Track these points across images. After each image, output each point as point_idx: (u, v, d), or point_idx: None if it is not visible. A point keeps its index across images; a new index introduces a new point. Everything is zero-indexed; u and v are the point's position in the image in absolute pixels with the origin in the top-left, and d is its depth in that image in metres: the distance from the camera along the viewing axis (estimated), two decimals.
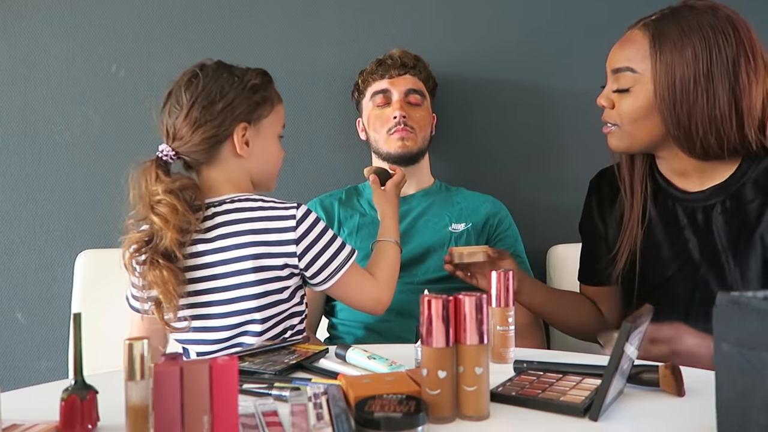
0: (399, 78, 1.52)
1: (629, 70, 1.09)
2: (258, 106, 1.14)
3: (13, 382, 1.54)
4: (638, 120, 1.09)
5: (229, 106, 1.10)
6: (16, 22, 1.65)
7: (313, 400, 0.72)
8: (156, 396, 0.61)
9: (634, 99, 1.09)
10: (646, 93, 1.07)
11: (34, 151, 1.65)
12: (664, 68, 1.05)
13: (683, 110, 1.04)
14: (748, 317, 0.55)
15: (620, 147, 1.14)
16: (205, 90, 1.11)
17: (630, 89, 1.09)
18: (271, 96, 1.17)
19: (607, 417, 0.71)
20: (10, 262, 1.64)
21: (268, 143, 1.16)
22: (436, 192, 1.57)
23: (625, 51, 1.10)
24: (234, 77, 1.14)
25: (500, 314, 0.95)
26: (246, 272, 1.06)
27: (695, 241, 1.12)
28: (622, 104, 1.10)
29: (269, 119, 1.16)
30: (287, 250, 1.07)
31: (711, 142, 1.05)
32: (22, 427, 0.68)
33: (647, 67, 1.07)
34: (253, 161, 1.14)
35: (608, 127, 1.14)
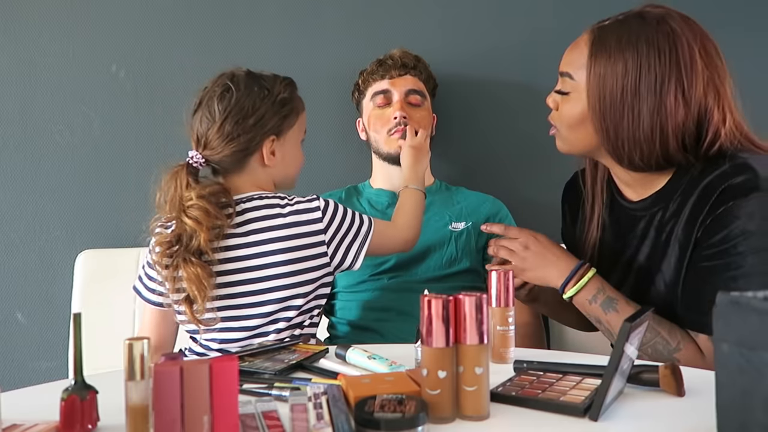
0: (399, 78, 1.52)
1: (569, 75, 1.07)
2: (286, 118, 1.19)
3: (13, 382, 1.54)
4: (573, 126, 1.08)
5: (260, 121, 1.15)
6: (16, 22, 1.65)
7: (313, 400, 0.72)
8: (156, 396, 0.61)
9: (571, 105, 1.07)
10: (580, 101, 1.05)
11: (34, 151, 1.65)
12: (596, 80, 1.02)
13: (610, 124, 1.02)
14: (748, 317, 0.55)
15: (563, 149, 1.13)
16: (238, 104, 1.14)
17: (569, 94, 1.07)
18: (296, 106, 1.22)
19: (607, 417, 0.71)
20: (10, 262, 1.64)
21: (292, 150, 1.23)
22: (436, 191, 1.57)
23: (570, 55, 1.09)
24: (264, 90, 1.17)
25: (500, 314, 0.95)
26: (281, 264, 1.12)
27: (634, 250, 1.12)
28: (562, 108, 1.09)
29: (294, 128, 1.22)
30: (318, 239, 1.15)
31: (635, 158, 1.02)
32: (22, 427, 0.68)
33: (583, 76, 1.04)
34: (277, 168, 1.21)
35: (552, 129, 1.13)
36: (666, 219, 1.06)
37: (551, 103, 1.12)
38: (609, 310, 1.05)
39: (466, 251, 1.46)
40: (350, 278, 1.45)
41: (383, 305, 1.42)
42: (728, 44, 1.08)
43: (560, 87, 1.09)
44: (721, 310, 0.57)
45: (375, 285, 1.44)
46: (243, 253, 1.12)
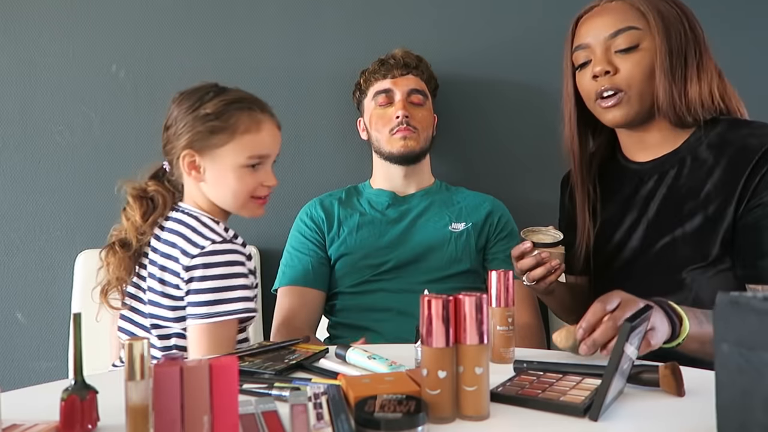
0: (401, 78, 1.52)
1: (632, 28, 1.09)
2: (206, 135, 1.15)
3: (13, 382, 1.55)
4: (646, 79, 1.09)
5: (176, 133, 1.17)
6: (16, 22, 1.65)
7: (313, 400, 0.72)
8: (156, 396, 0.61)
9: (642, 55, 1.09)
10: (651, 50, 1.08)
11: (34, 151, 1.65)
12: (662, 23, 1.08)
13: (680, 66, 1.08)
14: (747, 317, 0.55)
15: (629, 115, 1.11)
16: (172, 114, 1.19)
17: (638, 45, 1.09)
18: (230, 125, 1.15)
19: (607, 417, 0.71)
20: (10, 262, 1.64)
21: (224, 172, 1.16)
22: (436, 191, 1.57)
23: (614, 15, 1.11)
24: (194, 104, 1.16)
25: (500, 314, 0.95)
26: (158, 280, 1.15)
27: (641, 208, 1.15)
28: (629, 64, 1.09)
29: (226, 149, 1.15)
30: (181, 273, 1.12)
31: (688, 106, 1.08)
32: (22, 427, 0.68)
33: (646, 24, 1.09)
34: (208, 187, 1.18)
35: (612, 99, 1.11)
36: (685, 174, 1.10)
37: (608, 67, 1.10)
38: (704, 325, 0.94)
39: (466, 252, 1.46)
40: (350, 279, 1.46)
41: (383, 306, 1.42)
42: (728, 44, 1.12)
43: (622, 44, 1.09)
44: (721, 310, 0.57)
45: (375, 286, 1.44)
46: (152, 258, 1.16)
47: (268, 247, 1.66)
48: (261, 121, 1.17)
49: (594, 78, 1.12)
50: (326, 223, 1.51)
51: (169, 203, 1.20)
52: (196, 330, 1.08)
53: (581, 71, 1.16)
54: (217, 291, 1.08)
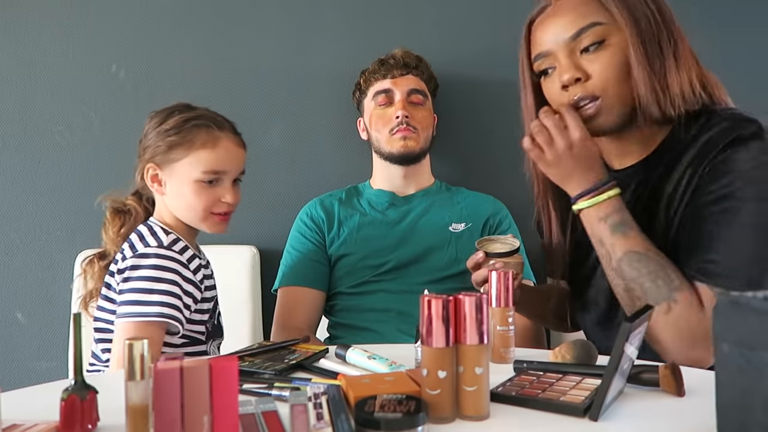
0: (401, 78, 1.52)
1: (595, 24, 0.96)
2: (169, 149, 1.18)
3: (13, 382, 1.54)
4: (621, 78, 0.96)
5: (144, 146, 1.22)
6: (16, 22, 1.65)
7: (313, 400, 0.72)
8: (156, 396, 0.61)
9: (612, 52, 0.96)
10: (620, 44, 0.96)
11: (34, 151, 1.65)
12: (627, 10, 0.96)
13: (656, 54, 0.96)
14: (748, 317, 0.55)
15: (612, 123, 0.99)
16: (144, 131, 1.24)
17: (605, 42, 0.96)
18: (187, 140, 1.18)
19: (607, 417, 0.71)
20: (10, 262, 1.64)
21: (180, 186, 1.19)
22: (436, 192, 1.57)
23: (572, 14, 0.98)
24: (160, 121, 1.21)
25: (500, 314, 0.95)
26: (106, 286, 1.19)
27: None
28: (598, 66, 0.96)
29: (182, 163, 1.18)
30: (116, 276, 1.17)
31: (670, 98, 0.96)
32: (22, 427, 0.68)
33: (610, 16, 0.96)
34: (168, 200, 1.21)
35: (589, 109, 0.98)
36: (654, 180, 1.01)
37: (578, 73, 0.98)
38: (617, 232, 0.95)
39: (466, 252, 1.46)
40: (350, 279, 1.46)
41: (383, 306, 1.42)
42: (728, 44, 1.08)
43: (586, 43, 0.97)
44: (721, 310, 0.57)
45: (375, 286, 1.44)
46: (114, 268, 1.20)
47: (268, 247, 1.66)
48: (219, 138, 1.19)
49: (564, 88, 1.00)
50: (326, 224, 1.51)
51: (140, 218, 1.24)
52: (118, 327, 1.11)
53: (546, 79, 1.04)
54: (140, 292, 1.11)
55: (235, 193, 1.22)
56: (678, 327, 0.91)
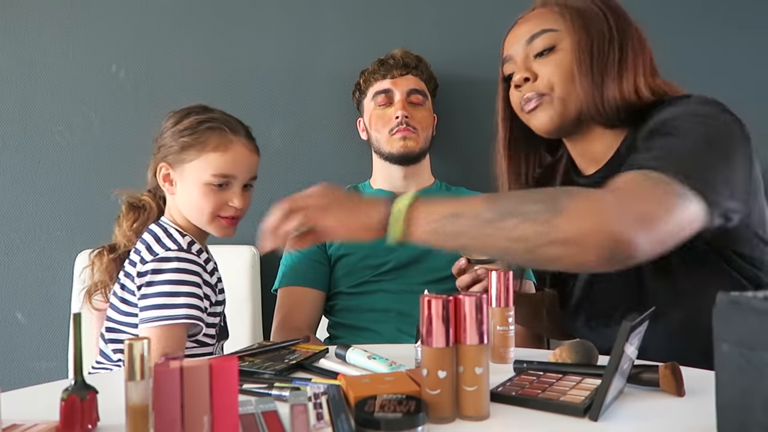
0: (401, 78, 1.52)
1: (547, 31, 1.03)
2: (182, 150, 1.18)
3: (13, 382, 1.54)
4: (567, 80, 1.01)
5: (158, 145, 1.22)
6: (16, 22, 1.65)
7: (313, 400, 0.72)
8: (156, 396, 0.61)
9: (561, 56, 1.02)
10: (568, 51, 1.02)
11: (34, 151, 1.65)
12: (579, 19, 1.02)
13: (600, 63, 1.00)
14: (748, 317, 0.55)
15: (554, 119, 1.03)
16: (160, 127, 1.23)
17: (554, 47, 1.03)
18: (199, 142, 1.18)
19: (607, 417, 0.71)
20: (10, 262, 1.64)
21: (189, 189, 1.19)
22: (436, 192, 1.57)
23: (531, 22, 1.05)
24: (176, 121, 1.21)
25: (500, 314, 0.95)
26: (118, 282, 1.19)
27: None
28: (548, 67, 1.03)
29: (193, 165, 1.18)
30: (136, 279, 1.15)
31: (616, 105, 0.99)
32: (22, 427, 0.68)
33: (563, 23, 1.02)
34: (179, 200, 1.21)
35: (533, 102, 1.04)
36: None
37: (527, 74, 1.04)
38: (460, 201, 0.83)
39: None
40: (350, 279, 1.45)
41: (383, 306, 1.42)
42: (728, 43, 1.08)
43: (537, 49, 1.04)
44: (721, 310, 0.57)
45: (375, 286, 1.44)
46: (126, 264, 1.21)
47: None
48: (231, 141, 1.19)
49: (517, 88, 1.07)
50: None
51: (154, 215, 1.25)
52: (145, 332, 1.11)
53: (505, 85, 1.12)
54: (165, 296, 1.11)
55: (245, 198, 1.21)
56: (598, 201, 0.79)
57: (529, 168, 1.17)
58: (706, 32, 1.70)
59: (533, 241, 0.77)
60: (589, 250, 0.76)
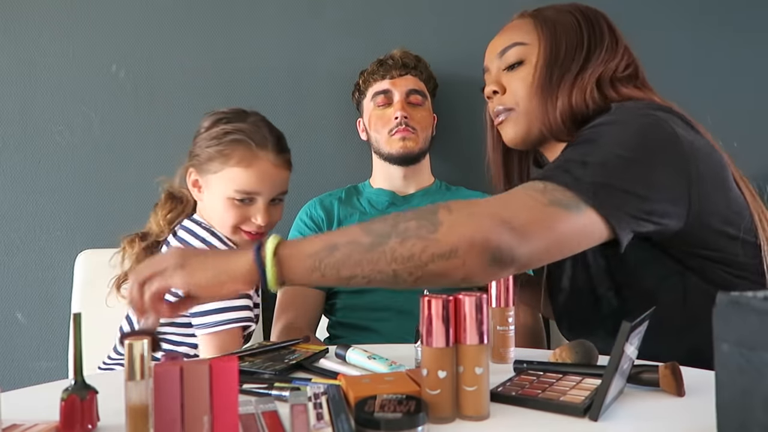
0: (400, 78, 1.52)
1: (517, 44, 1.04)
2: (210, 160, 1.16)
3: (13, 382, 1.54)
4: (534, 94, 1.01)
5: (191, 148, 1.21)
6: (16, 22, 1.65)
7: (313, 400, 0.72)
8: (156, 396, 0.61)
9: (527, 71, 1.02)
10: (536, 66, 1.02)
11: (34, 151, 1.65)
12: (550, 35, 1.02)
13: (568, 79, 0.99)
14: (748, 317, 0.55)
15: (519, 134, 1.04)
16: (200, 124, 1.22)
17: (523, 61, 1.03)
18: (224, 155, 1.15)
19: (607, 417, 0.71)
20: (10, 262, 1.64)
21: (214, 199, 1.18)
22: (436, 192, 1.57)
23: (506, 34, 1.06)
24: (209, 125, 1.19)
25: (500, 314, 0.95)
26: None
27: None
28: (515, 82, 1.04)
29: (217, 177, 1.16)
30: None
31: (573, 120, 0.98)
32: (22, 427, 0.68)
33: (534, 38, 1.03)
34: (204, 206, 1.21)
35: (501, 116, 1.06)
36: None
37: (496, 87, 1.06)
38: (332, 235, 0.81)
39: None
40: None
41: (383, 305, 1.42)
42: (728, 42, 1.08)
43: (506, 62, 1.05)
44: (721, 310, 0.57)
45: None
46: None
47: None
48: (256, 157, 1.14)
49: (488, 99, 1.09)
50: (326, 223, 1.51)
51: (189, 208, 1.24)
52: (204, 339, 1.11)
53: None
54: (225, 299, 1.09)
55: (271, 213, 1.18)
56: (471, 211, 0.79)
57: (522, 170, 1.17)
58: (701, 34, 1.70)
59: (418, 259, 0.75)
60: (470, 260, 0.76)
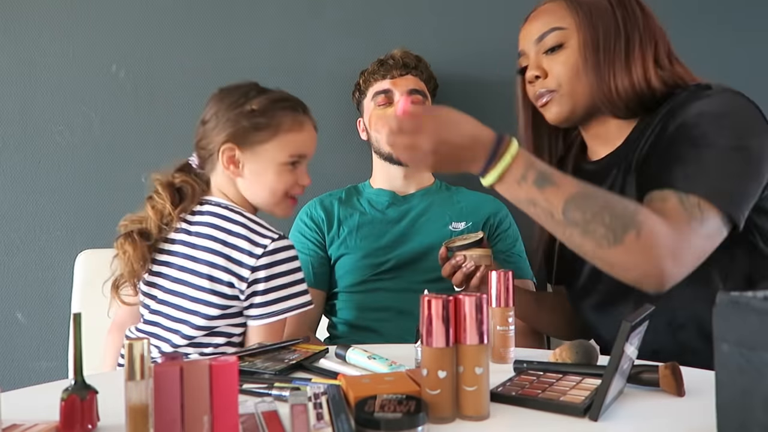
0: (401, 78, 1.52)
1: (555, 29, 1.07)
2: (249, 131, 1.16)
3: (13, 382, 1.54)
4: (575, 77, 1.06)
5: (215, 127, 1.18)
6: (16, 22, 1.65)
7: (313, 400, 0.72)
8: (156, 396, 0.61)
9: (568, 54, 1.07)
10: (576, 49, 1.06)
11: (34, 151, 1.65)
12: (587, 18, 1.06)
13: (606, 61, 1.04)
14: (748, 317, 0.55)
15: (563, 113, 1.09)
16: (211, 108, 1.20)
17: (562, 45, 1.07)
18: (274, 123, 1.17)
19: (607, 417, 0.71)
20: (10, 262, 1.64)
21: (264, 169, 1.18)
22: (436, 191, 1.57)
23: (542, 19, 1.09)
24: (239, 99, 1.18)
25: (500, 314, 0.95)
26: (200, 275, 1.13)
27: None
28: (556, 65, 1.08)
29: (268, 146, 1.17)
30: (240, 272, 1.12)
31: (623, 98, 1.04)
32: (22, 427, 0.68)
33: (572, 22, 1.06)
34: (244, 182, 1.19)
35: (545, 98, 1.10)
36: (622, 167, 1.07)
37: (538, 71, 1.09)
38: (545, 185, 0.89)
39: None
40: (350, 278, 1.46)
41: (383, 305, 1.42)
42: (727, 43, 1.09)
43: (545, 47, 1.08)
44: (721, 310, 0.57)
45: (375, 285, 1.44)
46: (180, 249, 1.16)
47: None
48: (303, 121, 1.20)
49: (530, 84, 1.12)
50: (326, 223, 1.51)
51: (198, 195, 1.20)
52: (265, 328, 1.12)
53: (523, 77, 1.16)
54: (285, 287, 1.12)
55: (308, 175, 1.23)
56: (652, 245, 0.87)
57: (552, 146, 1.21)
58: (700, 33, 1.70)
59: (587, 254, 0.90)
60: (629, 275, 0.90)
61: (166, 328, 1.14)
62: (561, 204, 0.88)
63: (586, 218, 0.87)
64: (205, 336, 1.13)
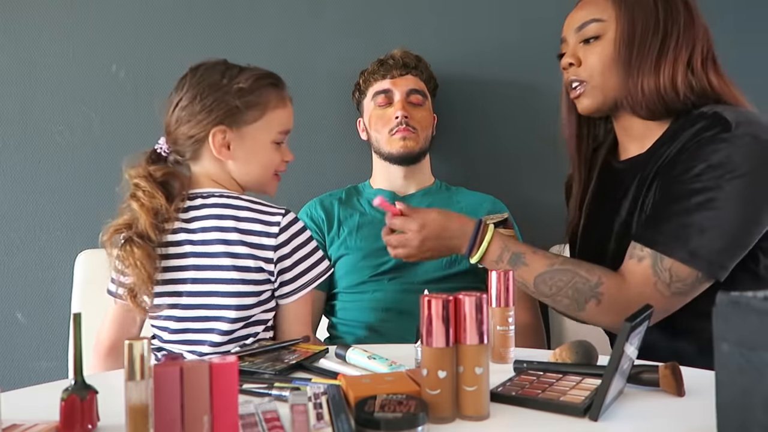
0: (401, 78, 1.52)
1: (594, 21, 1.09)
2: (241, 110, 1.13)
3: (13, 382, 1.54)
4: (607, 70, 1.08)
5: (206, 108, 1.12)
6: (16, 22, 1.65)
7: (313, 400, 0.72)
8: (156, 396, 0.61)
9: (602, 47, 1.08)
10: (612, 42, 1.07)
11: (34, 151, 1.65)
12: (628, 14, 1.06)
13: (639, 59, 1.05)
14: (747, 317, 0.55)
15: (592, 105, 1.11)
16: (190, 90, 1.14)
17: (600, 36, 1.08)
18: (262, 101, 1.14)
19: (607, 417, 0.71)
20: (10, 262, 1.64)
21: (255, 148, 1.16)
22: (436, 192, 1.57)
23: (586, 9, 1.11)
24: (222, 79, 1.14)
25: (500, 314, 0.95)
26: (225, 269, 1.09)
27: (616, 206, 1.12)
28: (590, 56, 1.09)
29: (257, 125, 1.15)
30: (265, 254, 1.10)
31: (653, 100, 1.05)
32: (22, 427, 0.68)
33: (612, 15, 1.07)
34: (236, 164, 1.16)
35: (577, 89, 1.12)
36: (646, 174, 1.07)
37: (572, 59, 1.11)
38: (518, 264, 1.05)
39: None
40: (350, 279, 1.45)
41: (383, 305, 1.42)
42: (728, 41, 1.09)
43: (583, 36, 1.10)
44: (721, 310, 0.57)
45: (375, 286, 1.44)
46: (190, 249, 1.11)
47: None
48: (285, 97, 1.19)
49: (564, 70, 1.15)
50: (326, 223, 1.51)
51: (186, 186, 1.14)
52: (299, 302, 1.14)
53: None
54: (308, 257, 1.14)
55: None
56: (610, 311, 1.01)
57: (590, 132, 1.23)
58: None
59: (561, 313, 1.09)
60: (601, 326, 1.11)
61: (197, 330, 1.10)
62: (531, 280, 1.05)
63: (553, 292, 1.04)
64: (243, 328, 1.10)
